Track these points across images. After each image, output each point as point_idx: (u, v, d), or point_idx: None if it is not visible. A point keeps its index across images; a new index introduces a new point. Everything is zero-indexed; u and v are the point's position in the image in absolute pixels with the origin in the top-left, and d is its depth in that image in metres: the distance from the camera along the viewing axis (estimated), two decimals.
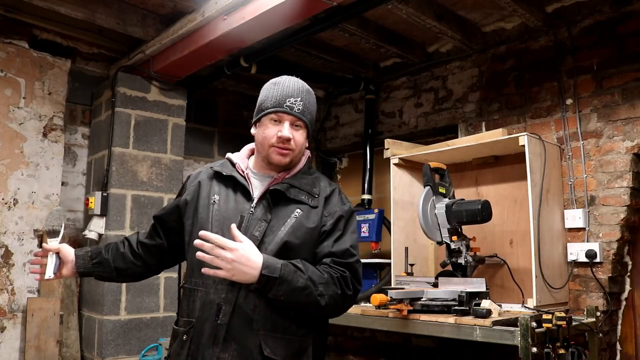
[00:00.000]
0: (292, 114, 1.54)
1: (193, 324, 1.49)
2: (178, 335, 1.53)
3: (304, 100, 1.57)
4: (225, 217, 1.53)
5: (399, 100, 3.83)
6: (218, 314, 1.45)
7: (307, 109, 1.58)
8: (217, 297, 1.46)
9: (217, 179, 1.62)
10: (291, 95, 1.55)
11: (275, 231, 1.50)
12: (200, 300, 1.50)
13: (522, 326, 2.05)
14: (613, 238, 2.65)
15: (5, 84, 3.30)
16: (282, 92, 1.56)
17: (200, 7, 2.98)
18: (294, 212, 1.52)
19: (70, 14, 3.12)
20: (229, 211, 1.54)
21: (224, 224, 1.51)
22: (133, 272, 1.75)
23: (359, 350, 3.78)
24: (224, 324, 1.44)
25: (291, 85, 1.58)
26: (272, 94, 1.56)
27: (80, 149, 3.79)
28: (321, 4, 2.58)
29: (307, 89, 1.60)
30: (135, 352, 3.41)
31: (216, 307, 1.46)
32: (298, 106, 1.54)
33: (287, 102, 1.54)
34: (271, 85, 1.60)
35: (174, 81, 3.71)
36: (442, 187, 2.70)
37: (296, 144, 1.55)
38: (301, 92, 1.57)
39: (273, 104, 1.54)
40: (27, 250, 3.33)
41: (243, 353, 1.43)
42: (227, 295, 1.46)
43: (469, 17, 3.18)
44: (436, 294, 2.45)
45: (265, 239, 1.49)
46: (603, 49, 2.78)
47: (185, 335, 1.50)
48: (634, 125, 2.63)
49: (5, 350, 3.17)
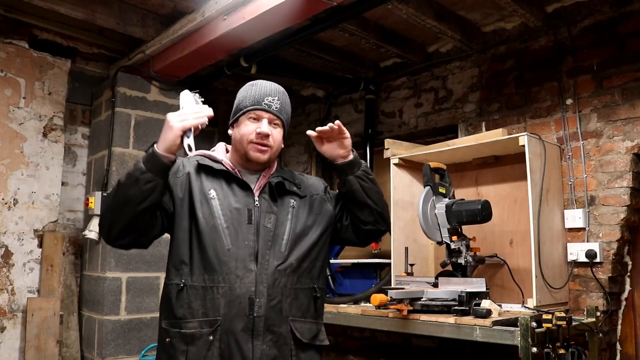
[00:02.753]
0: (270, 111, 1.59)
1: (220, 322, 1.45)
2: (198, 338, 1.44)
3: (281, 100, 1.63)
4: (231, 210, 1.53)
5: (399, 100, 3.82)
6: (251, 307, 1.46)
7: (284, 109, 1.64)
8: (245, 291, 1.46)
9: (206, 174, 1.58)
10: (269, 94, 1.60)
11: (284, 222, 1.57)
12: (224, 297, 1.46)
13: (522, 326, 2.05)
14: (613, 238, 2.65)
15: (5, 84, 3.30)
16: (259, 92, 1.61)
17: (200, 7, 2.98)
18: (290, 203, 1.61)
19: (70, 14, 3.12)
20: (232, 205, 1.54)
21: (232, 218, 1.52)
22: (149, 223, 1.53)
23: (359, 350, 3.78)
24: (261, 316, 1.46)
25: (268, 85, 1.64)
26: (250, 94, 1.62)
27: (80, 149, 3.79)
28: (321, 4, 2.58)
29: (283, 91, 1.66)
30: (135, 352, 3.41)
31: (247, 301, 1.46)
32: (276, 104, 1.60)
33: (265, 101, 1.59)
34: (249, 86, 1.66)
35: (174, 81, 3.71)
36: (442, 187, 2.70)
37: (274, 141, 1.60)
38: (278, 92, 1.63)
39: (251, 102, 1.60)
40: (27, 250, 3.33)
41: (279, 340, 1.48)
42: (258, 287, 1.47)
43: (469, 17, 3.18)
44: (436, 294, 2.45)
45: (277, 230, 1.54)
46: (603, 49, 2.78)
47: (210, 335, 1.44)
48: (634, 125, 2.63)
49: (5, 350, 3.17)
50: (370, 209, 1.65)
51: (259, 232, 1.52)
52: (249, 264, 1.49)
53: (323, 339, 1.61)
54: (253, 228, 1.52)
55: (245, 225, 1.52)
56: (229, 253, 1.49)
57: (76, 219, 3.72)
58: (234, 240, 1.50)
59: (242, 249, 1.50)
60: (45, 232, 3.40)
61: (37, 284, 3.35)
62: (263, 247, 1.51)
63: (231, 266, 1.48)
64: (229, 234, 1.50)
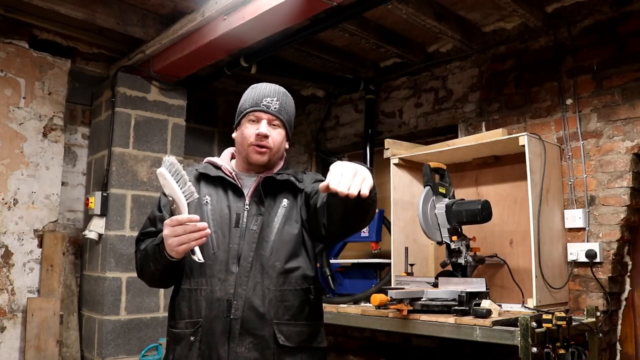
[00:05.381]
0: (268, 112, 1.60)
1: (200, 323, 1.48)
2: (183, 338, 1.50)
3: (281, 100, 1.63)
4: (222, 215, 1.56)
5: (399, 100, 3.82)
6: (229, 309, 1.46)
7: (284, 109, 1.63)
8: (224, 294, 1.48)
9: (205, 181, 1.63)
10: (267, 95, 1.62)
11: (270, 223, 1.56)
12: (205, 299, 1.49)
13: (522, 326, 2.05)
14: (613, 238, 2.65)
15: (5, 84, 3.30)
16: (258, 94, 1.62)
17: (200, 7, 2.98)
18: (282, 203, 1.59)
19: (70, 14, 3.12)
20: (223, 210, 1.57)
21: (221, 222, 1.55)
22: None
23: (359, 350, 3.78)
24: (237, 319, 1.46)
25: (268, 87, 1.65)
26: (250, 96, 1.63)
27: (80, 149, 3.79)
28: (321, 4, 2.58)
29: (284, 92, 1.66)
30: (135, 352, 3.41)
31: (226, 304, 1.47)
32: (274, 105, 1.61)
33: (264, 102, 1.60)
34: (249, 89, 1.67)
35: (174, 81, 3.71)
36: (442, 187, 2.70)
37: (274, 142, 1.60)
38: (278, 93, 1.64)
39: (250, 104, 1.61)
40: (27, 250, 3.33)
41: (259, 344, 1.46)
42: (237, 290, 1.48)
43: (469, 17, 3.18)
44: (436, 294, 2.45)
45: (263, 232, 1.54)
46: (603, 49, 2.78)
47: (192, 336, 1.48)
48: (634, 125, 2.63)
49: (5, 350, 3.17)
50: (344, 224, 1.44)
51: (245, 236, 1.53)
52: (231, 266, 1.50)
53: (320, 341, 1.58)
54: (239, 231, 1.54)
55: (233, 229, 1.54)
56: (214, 257, 1.51)
57: (76, 219, 3.72)
58: (221, 244, 1.53)
59: (227, 252, 1.52)
60: (45, 232, 3.40)
61: (37, 284, 3.35)
62: (247, 249, 1.52)
63: (214, 269, 1.50)
64: (215, 238, 1.53)
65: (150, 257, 1.51)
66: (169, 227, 1.39)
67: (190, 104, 3.89)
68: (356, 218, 1.40)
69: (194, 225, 1.37)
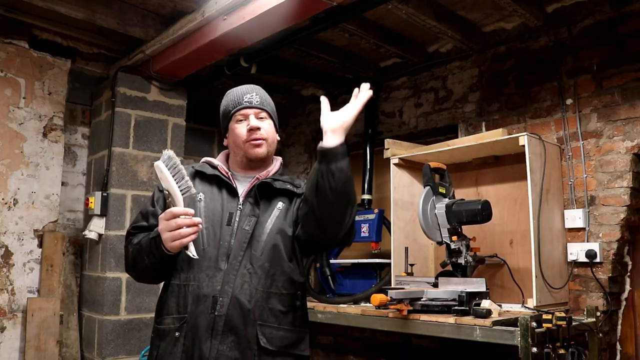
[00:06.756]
0: (252, 106, 1.65)
1: (186, 319, 1.48)
2: (167, 334, 1.50)
3: (260, 94, 1.69)
4: (214, 213, 1.57)
5: (399, 100, 3.82)
6: (214, 306, 1.46)
7: (266, 101, 1.69)
8: (211, 290, 1.48)
9: (200, 179, 1.64)
10: (246, 92, 1.67)
11: (264, 224, 1.57)
12: (192, 294, 1.49)
13: (522, 326, 2.05)
14: (613, 238, 2.65)
15: (5, 84, 3.30)
16: (237, 94, 1.68)
17: (200, 7, 2.98)
18: (277, 205, 1.61)
19: (70, 14, 3.12)
20: (216, 208, 1.58)
21: (213, 219, 1.56)
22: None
23: (359, 350, 3.78)
24: (222, 315, 1.46)
25: (243, 87, 1.71)
26: (229, 100, 1.69)
27: (80, 149, 3.79)
28: (321, 4, 2.58)
29: (259, 87, 1.74)
30: (135, 352, 3.41)
31: (211, 300, 1.47)
32: (256, 99, 1.66)
33: (245, 99, 1.66)
34: (226, 95, 1.73)
35: (174, 81, 3.71)
36: (442, 187, 2.70)
37: (267, 133, 1.65)
38: (255, 89, 1.70)
39: (233, 105, 1.66)
40: (27, 250, 3.33)
41: (241, 343, 1.46)
42: (223, 287, 1.48)
43: (469, 17, 3.18)
44: (436, 294, 2.45)
45: (255, 232, 1.55)
46: (603, 49, 2.78)
47: (177, 332, 1.48)
48: (634, 125, 2.63)
49: (5, 350, 3.17)
50: (311, 212, 1.47)
51: (236, 234, 1.54)
52: (220, 263, 1.51)
53: (304, 349, 1.56)
54: (231, 230, 1.54)
55: (224, 227, 1.55)
56: (204, 253, 1.52)
57: (76, 219, 3.72)
58: (211, 240, 1.53)
59: (216, 249, 1.52)
60: (45, 232, 3.40)
61: (37, 284, 3.35)
62: (237, 247, 1.52)
63: (203, 265, 1.51)
64: (207, 234, 1.54)
65: (144, 250, 1.51)
66: (163, 221, 1.42)
67: (190, 104, 3.89)
68: (329, 209, 1.44)
69: (189, 219, 1.40)
